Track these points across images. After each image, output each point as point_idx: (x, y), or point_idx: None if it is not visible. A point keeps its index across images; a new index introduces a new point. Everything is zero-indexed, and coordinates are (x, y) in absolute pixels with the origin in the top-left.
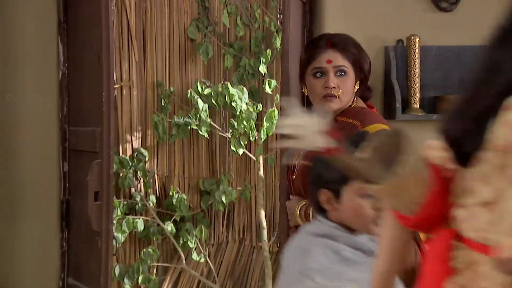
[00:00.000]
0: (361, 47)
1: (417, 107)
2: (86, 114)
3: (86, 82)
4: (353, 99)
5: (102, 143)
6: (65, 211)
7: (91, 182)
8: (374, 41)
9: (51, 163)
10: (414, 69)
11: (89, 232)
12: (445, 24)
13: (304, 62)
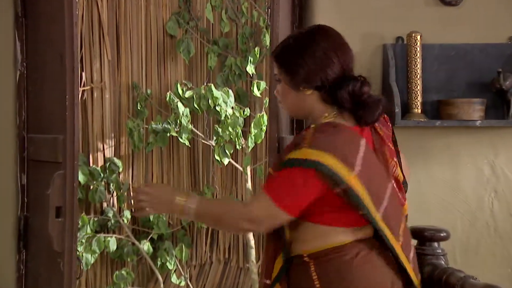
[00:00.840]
0: (301, 50)
1: (419, 112)
2: (47, 120)
3: (47, 84)
4: (321, 110)
5: (65, 152)
6: (22, 229)
7: (52, 196)
8: (370, 38)
9: (7, 175)
10: (415, 70)
11: (50, 253)
12: (450, 20)
13: None
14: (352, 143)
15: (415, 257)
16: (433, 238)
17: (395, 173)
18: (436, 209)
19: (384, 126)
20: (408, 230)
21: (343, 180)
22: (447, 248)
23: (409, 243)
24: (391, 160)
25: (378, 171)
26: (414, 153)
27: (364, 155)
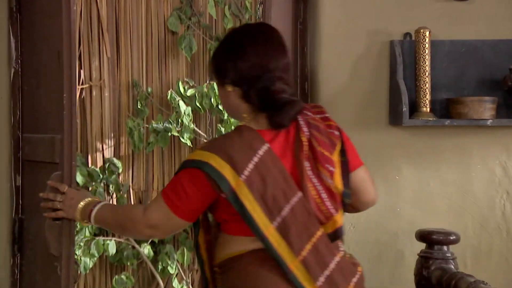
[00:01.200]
0: (219, 44)
1: (427, 111)
2: (43, 119)
3: (44, 82)
4: (243, 110)
5: (63, 153)
6: (17, 233)
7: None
8: (377, 34)
9: (1, 176)
10: (423, 67)
11: (46, 257)
12: (460, 15)
13: None
14: (248, 148)
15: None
16: (442, 242)
17: (327, 182)
18: (446, 212)
19: (325, 133)
20: (331, 246)
21: (228, 184)
22: (457, 252)
23: (324, 261)
24: (322, 168)
25: (279, 179)
26: (422, 153)
27: (261, 162)
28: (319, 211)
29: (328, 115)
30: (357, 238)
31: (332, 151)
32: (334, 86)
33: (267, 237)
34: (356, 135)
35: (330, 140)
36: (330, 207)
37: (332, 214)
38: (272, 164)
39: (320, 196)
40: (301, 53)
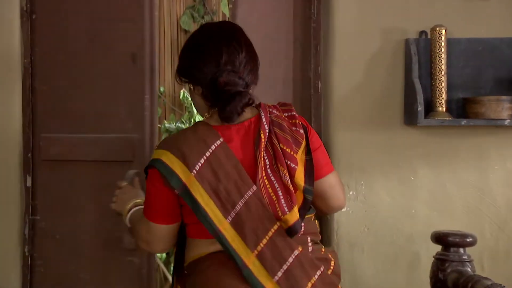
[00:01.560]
0: (183, 50)
1: (443, 111)
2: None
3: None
4: (205, 108)
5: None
6: (28, 233)
7: None
8: (392, 33)
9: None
10: (439, 66)
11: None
12: (477, 13)
13: None
14: (201, 143)
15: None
16: (458, 244)
17: (284, 180)
18: (463, 213)
19: (289, 131)
20: (289, 241)
21: (179, 180)
22: (474, 254)
23: (282, 255)
24: (281, 166)
25: (232, 173)
26: (438, 154)
27: (213, 156)
28: (273, 208)
29: (295, 113)
30: (371, 239)
31: (295, 149)
32: (348, 85)
33: (221, 232)
34: (370, 135)
35: (294, 138)
36: (284, 205)
37: (285, 212)
38: (226, 158)
39: (276, 193)
40: (314, 51)
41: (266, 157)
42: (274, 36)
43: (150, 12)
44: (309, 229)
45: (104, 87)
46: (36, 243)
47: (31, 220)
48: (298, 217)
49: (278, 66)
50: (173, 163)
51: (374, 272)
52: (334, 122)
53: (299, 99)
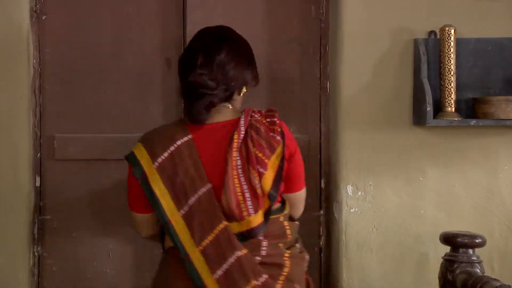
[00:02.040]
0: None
1: (452, 111)
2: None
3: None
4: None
5: None
6: (37, 233)
7: None
8: (401, 32)
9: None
10: (448, 66)
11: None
12: (486, 12)
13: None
14: (169, 138)
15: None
16: (467, 245)
17: (253, 183)
18: (471, 214)
19: (265, 136)
20: (234, 242)
21: (141, 170)
22: (483, 255)
23: (223, 254)
24: (252, 169)
25: (190, 169)
26: (447, 154)
27: (176, 151)
28: (237, 208)
29: (276, 120)
30: (379, 240)
31: (268, 154)
32: (357, 85)
33: (171, 224)
34: (378, 136)
35: (268, 143)
36: (250, 207)
37: (249, 214)
38: (188, 154)
39: (243, 194)
40: (323, 51)
41: (239, 158)
42: (280, 37)
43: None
44: (271, 231)
45: (133, 89)
46: (46, 243)
47: (40, 220)
48: (262, 220)
49: (285, 67)
50: (142, 155)
51: (382, 272)
52: (342, 123)
53: (307, 99)
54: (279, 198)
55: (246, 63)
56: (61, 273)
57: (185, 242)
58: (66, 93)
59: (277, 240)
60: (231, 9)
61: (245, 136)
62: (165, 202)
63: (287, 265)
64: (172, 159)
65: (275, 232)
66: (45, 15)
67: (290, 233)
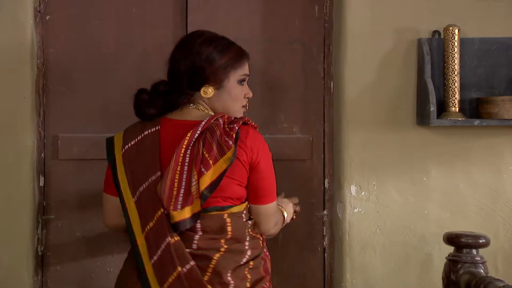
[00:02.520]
0: None
1: (456, 111)
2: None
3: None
4: None
5: None
6: (41, 233)
7: None
8: (405, 32)
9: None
10: (452, 66)
11: None
12: (490, 12)
13: (234, 64)
14: (141, 127)
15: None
16: (470, 245)
17: (190, 181)
18: (476, 214)
19: (218, 139)
20: (166, 229)
21: (112, 155)
22: (488, 255)
23: (158, 240)
24: (194, 167)
25: (148, 158)
26: (451, 154)
27: (141, 140)
28: (167, 201)
29: (235, 126)
30: (383, 240)
31: (215, 157)
32: (360, 86)
33: (127, 210)
34: (382, 136)
35: (219, 146)
36: (179, 202)
37: (175, 208)
38: (150, 144)
39: (178, 190)
40: (327, 51)
41: (188, 156)
42: (283, 37)
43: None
44: (207, 226)
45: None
46: (50, 243)
47: (44, 219)
48: (187, 216)
49: (288, 67)
50: (118, 140)
51: (386, 273)
52: (346, 123)
53: (310, 100)
54: (235, 202)
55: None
56: (65, 273)
57: (135, 228)
58: (70, 93)
59: (213, 235)
60: (233, 9)
61: (200, 136)
62: (124, 188)
63: (215, 257)
64: (136, 147)
65: (212, 228)
66: (49, 15)
67: (231, 230)
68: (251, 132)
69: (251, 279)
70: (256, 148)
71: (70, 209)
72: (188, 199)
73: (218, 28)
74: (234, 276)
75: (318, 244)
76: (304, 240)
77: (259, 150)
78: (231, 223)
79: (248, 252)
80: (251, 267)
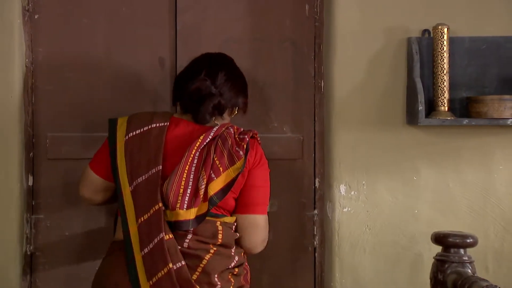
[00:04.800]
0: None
1: (445, 110)
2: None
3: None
4: None
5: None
6: (30, 232)
7: None
8: (394, 31)
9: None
10: (441, 65)
11: None
12: (481, 11)
13: None
14: (149, 119)
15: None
16: (458, 245)
17: (199, 183)
18: (467, 214)
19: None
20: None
21: (114, 139)
22: (478, 255)
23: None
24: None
25: (151, 151)
26: (441, 154)
27: (147, 132)
28: (174, 197)
29: (246, 137)
30: (373, 240)
31: (225, 165)
32: (350, 85)
33: (123, 196)
34: (372, 135)
35: (230, 156)
36: (185, 201)
37: (181, 207)
38: (155, 138)
39: (185, 189)
40: (317, 50)
41: (197, 158)
42: (274, 36)
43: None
44: (201, 230)
45: (126, 88)
46: (39, 242)
47: (33, 219)
48: (192, 218)
49: (279, 66)
50: (121, 126)
51: (376, 273)
52: (335, 122)
53: (301, 99)
54: (227, 213)
55: (241, 89)
56: (54, 272)
57: (129, 217)
58: (59, 92)
59: (204, 239)
60: (223, 9)
61: (211, 142)
62: (121, 175)
63: (206, 257)
64: (141, 137)
65: (205, 233)
66: (38, 14)
67: (221, 238)
68: (256, 145)
69: (234, 283)
70: (257, 159)
71: (59, 208)
72: (195, 200)
73: (209, 28)
74: (221, 278)
75: (309, 243)
76: (295, 240)
77: (260, 161)
78: (222, 231)
79: (236, 258)
80: (235, 273)
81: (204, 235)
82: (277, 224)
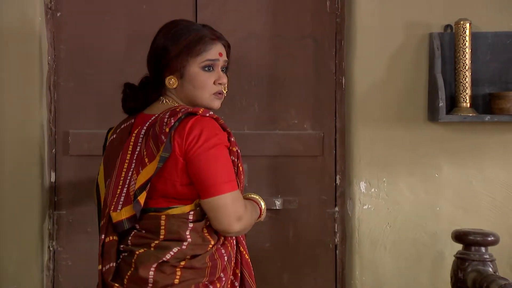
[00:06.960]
0: None
1: (467, 106)
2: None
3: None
4: None
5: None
6: (52, 228)
7: None
8: (415, 27)
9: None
10: (463, 60)
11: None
12: (505, 6)
13: (191, 51)
14: (122, 122)
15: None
16: (479, 243)
17: (131, 182)
18: (489, 211)
19: (155, 137)
20: (104, 225)
21: (105, 144)
22: (502, 253)
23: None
24: (135, 169)
25: (119, 152)
26: (464, 151)
27: (118, 135)
28: (112, 198)
29: (172, 120)
30: (394, 237)
31: (152, 155)
32: (370, 81)
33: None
34: (393, 132)
35: (156, 143)
36: (120, 203)
37: (115, 209)
38: (122, 139)
39: (121, 190)
40: (338, 47)
41: (137, 153)
42: (294, 33)
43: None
44: (145, 226)
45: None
46: (62, 238)
47: (55, 215)
48: (124, 218)
49: (300, 62)
50: (110, 132)
51: (397, 270)
52: (356, 119)
53: (322, 95)
54: (182, 202)
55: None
56: (76, 268)
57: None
58: (81, 90)
59: (146, 234)
60: (243, 5)
61: (147, 132)
62: (100, 180)
63: (137, 252)
64: (113, 141)
65: (148, 228)
66: (60, 12)
67: (164, 234)
68: (192, 122)
69: (181, 276)
70: (194, 137)
71: (81, 204)
72: (127, 199)
73: (228, 24)
74: (158, 272)
75: (330, 241)
76: (316, 237)
77: (200, 138)
78: (165, 225)
79: (174, 249)
80: (183, 266)
81: (148, 231)
82: (298, 221)
